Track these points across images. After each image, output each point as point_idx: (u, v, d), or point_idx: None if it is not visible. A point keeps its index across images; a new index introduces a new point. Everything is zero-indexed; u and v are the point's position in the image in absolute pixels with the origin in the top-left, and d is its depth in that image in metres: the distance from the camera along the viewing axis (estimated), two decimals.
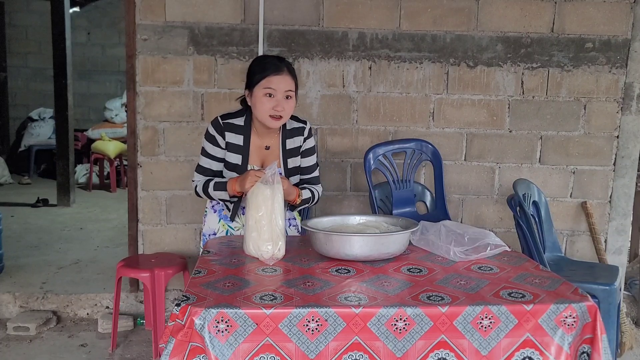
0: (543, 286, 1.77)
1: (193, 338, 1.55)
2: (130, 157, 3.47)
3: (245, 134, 2.38)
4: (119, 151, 7.21)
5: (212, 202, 2.52)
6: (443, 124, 3.48)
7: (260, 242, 2.05)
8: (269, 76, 2.26)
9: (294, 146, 2.44)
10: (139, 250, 3.51)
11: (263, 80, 2.26)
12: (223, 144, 2.38)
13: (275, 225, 2.07)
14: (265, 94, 2.27)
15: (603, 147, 3.53)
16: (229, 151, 2.38)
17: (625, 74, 3.46)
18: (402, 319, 1.59)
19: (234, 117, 2.40)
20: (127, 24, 3.33)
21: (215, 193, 2.36)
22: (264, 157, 2.42)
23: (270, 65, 2.29)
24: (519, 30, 3.41)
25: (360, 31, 3.38)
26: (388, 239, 2.02)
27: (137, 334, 3.39)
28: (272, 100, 2.27)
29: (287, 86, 2.28)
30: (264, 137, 2.41)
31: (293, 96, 2.31)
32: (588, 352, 1.63)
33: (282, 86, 2.27)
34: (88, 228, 5.42)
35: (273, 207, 2.08)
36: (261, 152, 2.42)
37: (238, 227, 2.49)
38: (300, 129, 2.45)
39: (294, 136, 2.43)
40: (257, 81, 2.28)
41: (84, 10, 8.65)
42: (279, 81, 2.27)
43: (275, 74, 2.26)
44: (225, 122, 2.38)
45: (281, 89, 2.27)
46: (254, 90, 2.29)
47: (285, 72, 2.29)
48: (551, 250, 3.15)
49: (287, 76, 2.29)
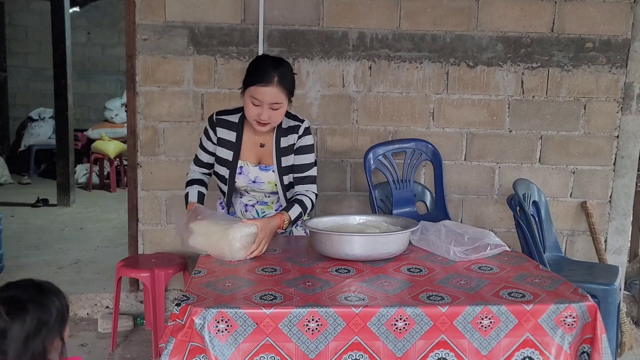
0: (543, 286, 1.77)
1: (193, 338, 1.55)
2: (130, 157, 3.47)
3: (238, 131, 2.39)
4: (119, 151, 7.21)
5: (219, 199, 2.56)
6: (443, 124, 3.48)
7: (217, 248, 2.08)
8: (255, 85, 2.21)
9: (287, 144, 2.41)
10: (139, 250, 3.51)
11: (251, 87, 2.23)
12: (214, 139, 2.41)
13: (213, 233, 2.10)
14: (251, 102, 2.25)
15: (603, 147, 3.52)
16: (220, 146, 2.40)
17: (625, 74, 3.46)
18: (402, 318, 1.59)
19: (229, 114, 2.41)
20: (127, 24, 3.33)
21: (185, 196, 2.49)
22: (258, 155, 2.42)
23: (260, 74, 2.22)
24: (519, 30, 3.41)
25: (360, 31, 3.38)
26: (388, 239, 2.02)
27: (137, 334, 3.39)
28: (258, 109, 2.24)
29: (273, 99, 2.22)
30: (258, 134, 2.40)
31: (281, 107, 2.26)
32: (588, 352, 1.64)
33: (267, 98, 2.21)
34: (88, 228, 5.42)
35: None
36: (256, 149, 2.42)
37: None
38: (295, 127, 2.41)
39: (289, 134, 2.41)
40: (247, 85, 2.26)
41: (84, 10, 8.65)
42: (265, 93, 2.21)
43: (262, 85, 2.20)
44: (218, 118, 2.40)
45: (266, 101, 2.22)
46: (245, 92, 2.28)
47: (274, 83, 2.20)
48: (551, 250, 3.15)
49: (274, 88, 2.20)
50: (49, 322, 1.45)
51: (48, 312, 1.46)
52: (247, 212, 2.50)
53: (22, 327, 1.40)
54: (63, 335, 1.51)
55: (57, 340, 1.49)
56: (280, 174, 2.40)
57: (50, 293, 1.51)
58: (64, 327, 1.51)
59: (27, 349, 1.41)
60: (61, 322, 1.50)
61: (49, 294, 1.50)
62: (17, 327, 1.40)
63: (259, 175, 2.40)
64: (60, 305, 1.50)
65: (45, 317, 1.45)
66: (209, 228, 2.11)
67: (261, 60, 2.34)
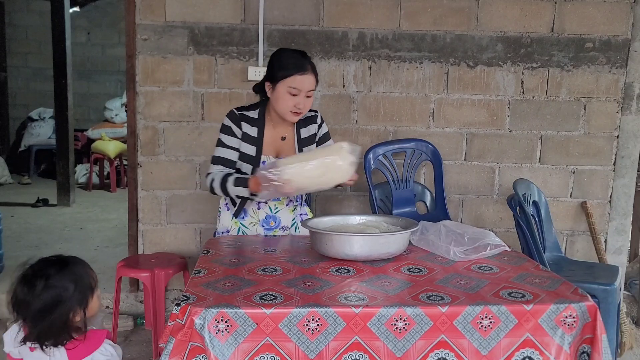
0: (543, 286, 1.77)
1: (193, 338, 1.55)
2: (130, 157, 3.47)
3: (259, 126, 2.42)
4: (119, 151, 7.21)
5: (225, 200, 2.52)
6: (443, 124, 3.48)
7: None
8: (293, 75, 2.29)
9: (308, 134, 2.49)
10: (139, 250, 3.51)
11: (288, 78, 2.29)
12: (239, 134, 2.41)
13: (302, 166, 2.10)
14: (288, 92, 2.30)
15: (603, 147, 3.52)
16: (244, 142, 2.41)
17: (625, 74, 3.46)
18: (402, 318, 1.59)
19: (248, 110, 2.45)
20: (127, 24, 3.33)
21: (235, 189, 2.33)
22: (279, 148, 2.45)
23: (296, 63, 2.31)
24: (519, 30, 3.41)
25: (360, 31, 3.38)
26: (388, 239, 2.02)
27: (137, 333, 3.39)
28: (295, 99, 2.31)
29: (310, 85, 2.33)
30: (279, 127, 2.44)
31: (312, 94, 2.36)
32: (588, 352, 1.64)
33: (305, 85, 2.31)
34: (88, 228, 5.42)
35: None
36: (277, 142, 2.45)
37: (254, 223, 2.49)
38: (313, 117, 2.51)
39: (308, 125, 2.49)
40: (281, 77, 2.30)
41: (84, 10, 8.65)
42: (303, 81, 2.30)
43: (300, 74, 2.29)
44: (241, 114, 2.42)
45: (305, 89, 2.31)
46: (277, 85, 2.32)
47: (310, 71, 2.32)
48: (551, 250, 3.15)
49: (310, 75, 2.33)
50: (66, 295, 1.57)
51: (67, 286, 1.58)
52: (260, 210, 2.48)
53: (39, 298, 1.54)
54: (86, 306, 1.61)
55: (79, 311, 1.60)
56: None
57: (74, 267, 1.64)
58: (86, 300, 1.61)
59: (44, 318, 1.55)
60: (82, 294, 1.60)
61: (72, 268, 1.63)
62: (35, 298, 1.55)
63: None
64: (82, 279, 1.63)
65: (64, 290, 1.57)
66: (304, 166, 2.10)
67: (289, 51, 2.41)
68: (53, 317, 1.56)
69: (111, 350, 1.65)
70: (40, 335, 1.57)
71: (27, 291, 1.56)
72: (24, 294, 1.56)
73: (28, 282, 1.57)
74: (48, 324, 1.56)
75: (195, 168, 3.44)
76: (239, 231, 2.49)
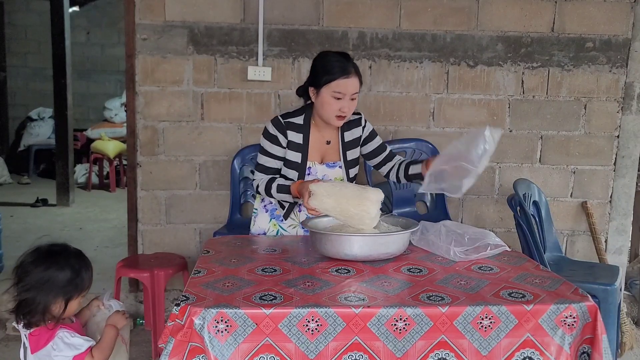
0: (543, 286, 1.77)
1: (192, 338, 1.55)
2: (130, 157, 3.47)
3: (304, 133, 2.40)
4: (119, 151, 7.20)
5: (263, 201, 2.52)
6: (443, 124, 3.48)
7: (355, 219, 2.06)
8: (338, 79, 2.26)
9: (352, 138, 2.48)
10: (139, 250, 3.51)
11: (332, 82, 2.26)
12: (284, 143, 2.39)
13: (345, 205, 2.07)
14: (333, 97, 2.28)
15: (603, 147, 3.52)
16: (289, 149, 2.39)
17: (625, 74, 3.46)
18: (402, 319, 1.58)
19: (294, 117, 2.41)
20: (127, 23, 3.33)
21: (279, 195, 2.36)
22: (324, 153, 2.45)
23: (343, 67, 2.27)
24: (519, 30, 3.41)
25: (360, 31, 3.38)
26: (388, 239, 2.02)
27: (136, 334, 3.38)
28: (340, 103, 2.29)
29: (355, 89, 2.30)
30: (324, 131, 2.43)
31: (357, 97, 2.33)
32: (588, 352, 1.63)
33: (350, 89, 2.28)
34: (87, 228, 5.41)
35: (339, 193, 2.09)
36: (322, 147, 2.44)
37: (294, 225, 2.49)
38: (357, 121, 2.49)
39: (352, 128, 2.47)
40: (325, 82, 2.27)
41: (83, 9, 8.64)
42: (348, 85, 2.27)
43: (344, 77, 2.26)
44: (287, 122, 2.39)
45: (349, 92, 2.28)
46: (321, 90, 2.29)
47: (354, 74, 2.28)
48: (551, 250, 3.15)
49: (355, 78, 2.29)
50: (61, 282, 1.70)
51: (68, 275, 1.71)
52: (301, 212, 2.46)
53: (39, 271, 1.70)
54: (69, 300, 1.72)
55: (61, 302, 1.70)
56: (347, 168, 2.46)
57: (83, 265, 1.77)
58: (72, 295, 1.72)
59: (30, 291, 1.68)
60: (73, 289, 1.72)
61: (81, 265, 1.76)
62: (37, 268, 1.70)
63: (327, 173, 2.43)
64: (82, 278, 1.75)
65: (63, 277, 1.70)
66: (339, 190, 2.08)
67: (332, 55, 2.37)
68: (38, 296, 1.67)
69: (63, 347, 1.71)
70: (19, 307, 1.69)
71: (33, 262, 1.70)
72: (30, 263, 1.71)
73: (41, 255, 1.71)
74: (31, 299, 1.67)
75: (194, 168, 3.44)
76: (277, 233, 2.49)
